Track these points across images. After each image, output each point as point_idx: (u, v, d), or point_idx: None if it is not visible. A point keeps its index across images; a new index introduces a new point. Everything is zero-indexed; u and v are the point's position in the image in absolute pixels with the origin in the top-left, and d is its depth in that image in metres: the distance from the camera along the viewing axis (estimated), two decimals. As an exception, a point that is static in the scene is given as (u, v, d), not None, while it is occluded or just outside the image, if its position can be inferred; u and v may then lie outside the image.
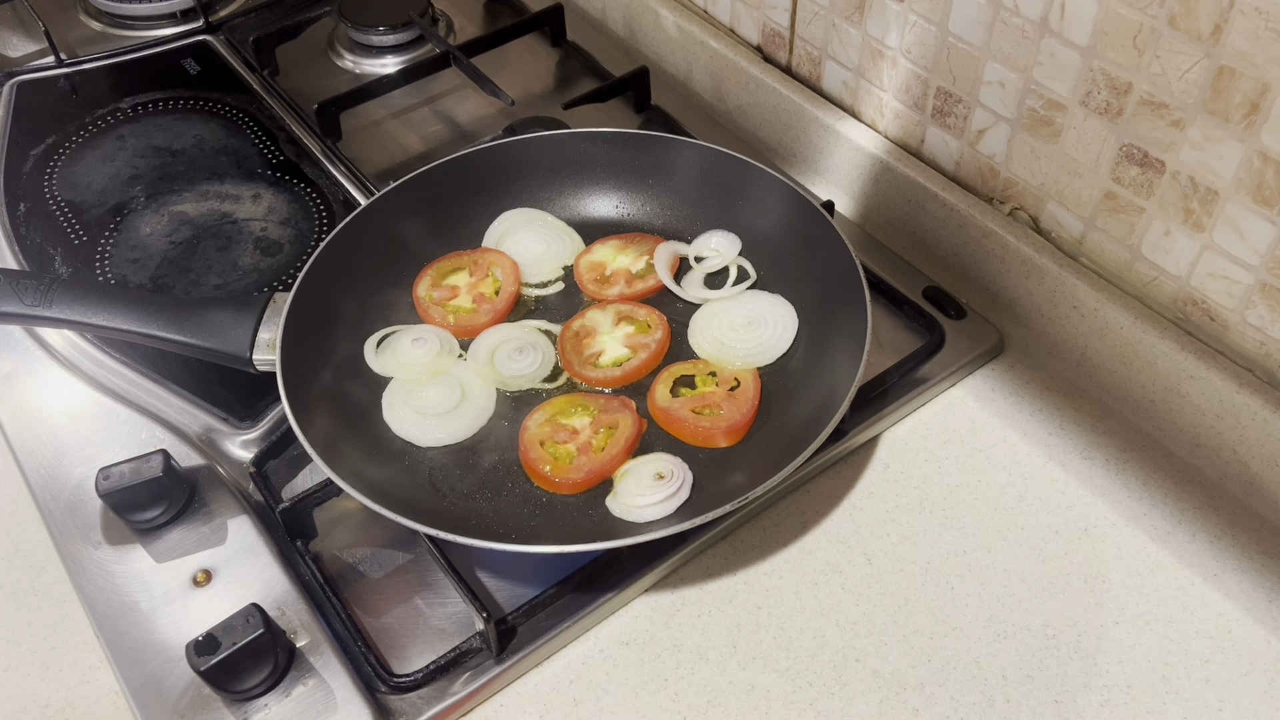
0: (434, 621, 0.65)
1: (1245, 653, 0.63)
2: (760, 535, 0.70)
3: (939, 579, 0.67)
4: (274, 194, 0.94)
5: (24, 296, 0.68)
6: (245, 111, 1.02)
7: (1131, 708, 0.61)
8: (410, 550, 0.68)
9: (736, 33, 0.99)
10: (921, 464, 0.74)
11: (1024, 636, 0.64)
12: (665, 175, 0.84)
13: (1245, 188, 0.64)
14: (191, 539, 0.68)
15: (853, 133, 0.89)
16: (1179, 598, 0.66)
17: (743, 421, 0.70)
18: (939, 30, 0.78)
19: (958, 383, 0.79)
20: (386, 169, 0.95)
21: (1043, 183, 0.77)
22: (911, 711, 0.61)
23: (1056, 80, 0.71)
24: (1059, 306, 0.78)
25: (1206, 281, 0.69)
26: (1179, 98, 0.64)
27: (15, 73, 1.06)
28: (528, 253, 0.83)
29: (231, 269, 0.87)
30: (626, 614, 0.66)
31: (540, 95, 1.03)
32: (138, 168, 0.96)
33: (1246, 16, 0.58)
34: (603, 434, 0.70)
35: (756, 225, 0.81)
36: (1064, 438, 0.75)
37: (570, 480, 0.68)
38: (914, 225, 0.87)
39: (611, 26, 1.12)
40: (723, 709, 0.62)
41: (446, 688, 0.61)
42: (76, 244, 0.89)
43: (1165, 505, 0.71)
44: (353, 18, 1.07)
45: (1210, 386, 0.70)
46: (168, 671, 0.61)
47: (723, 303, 0.78)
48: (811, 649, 0.64)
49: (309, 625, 0.63)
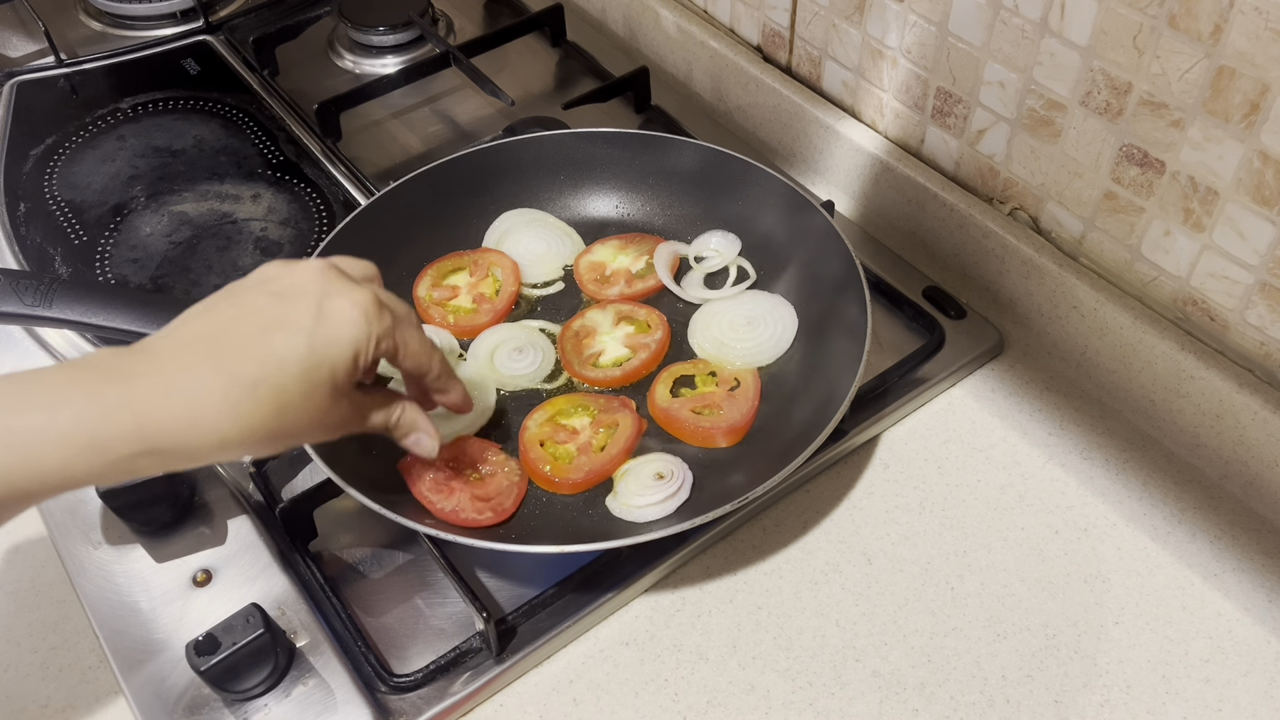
0: (434, 621, 0.65)
1: (1245, 653, 0.63)
2: (760, 535, 0.70)
3: (939, 579, 0.67)
4: (274, 194, 0.94)
5: (24, 296, 0.68)
6: (245, 111, 1.02)
7: (1131, 708, 0.61)
8: (410, 550, 0.68)
9: (736, 33, 0.99)
10: (921, 464, 0.74)
11: (1024, 636, 0.64)
12: (665, 175, 0.84)
13: (1245, 188, 0.64)
14: (191, 539, 0.68)
15: (853, 133, 0.89)
16: (1179, 598, 0.66)
17: (743, 421, 0.70)
18: (939, 30, 0.78)
19: (958, 383, 0.79)
20: (386, 169, 0.95)
21: (1043, 183, 0.77)
22: (911, 711, 0.61)
23: (1056, 80, 0.71)
24: (1059, 306, 0.78)
25: (1206, 281, 0.69)
26: (1179, 98, 0.64)
27: (15, 73, 1.06)
28: (528, 253, 0.83)
29: (231, 269, 0.87)
30: (626, 614, 0.66)
31: (540, 95, 1.03)
32: (138, 168, 0.96)
33: (1246, 16, 0.58)
34: (603, 434, 0.70)
35: (756, 225, 0.81)
36: (1064, 438, 0.75)
37: (570, 480, 0.68)
38: (914, 225, 0.87)
39: (611, 26, 1.12)
40: (723, 709, 0.62)
41: (446, 688, 0.61)
42: (76, 244, 0.89)
43: (1165, 505, 0.71)
44: (353, 18, 1.07)
45: (1210, 386, 0.70)
46: (168, 671, 0.61)
47: (722, 303, 0.78)
48: (811, 649, 0.64)
49: (309, 625, 0.63)
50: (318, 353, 0.51)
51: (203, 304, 0.53)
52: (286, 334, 0.51)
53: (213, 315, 0.52)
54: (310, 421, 0.52)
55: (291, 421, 0.51)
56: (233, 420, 0.49)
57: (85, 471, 0.46)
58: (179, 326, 0.52)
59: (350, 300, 0.53)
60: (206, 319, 0.52)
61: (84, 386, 0.46)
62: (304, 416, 0.51)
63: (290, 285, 0.53)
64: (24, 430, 0.45)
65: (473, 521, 0.65)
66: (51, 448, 0.45)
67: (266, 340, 0.50)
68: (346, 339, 0.52)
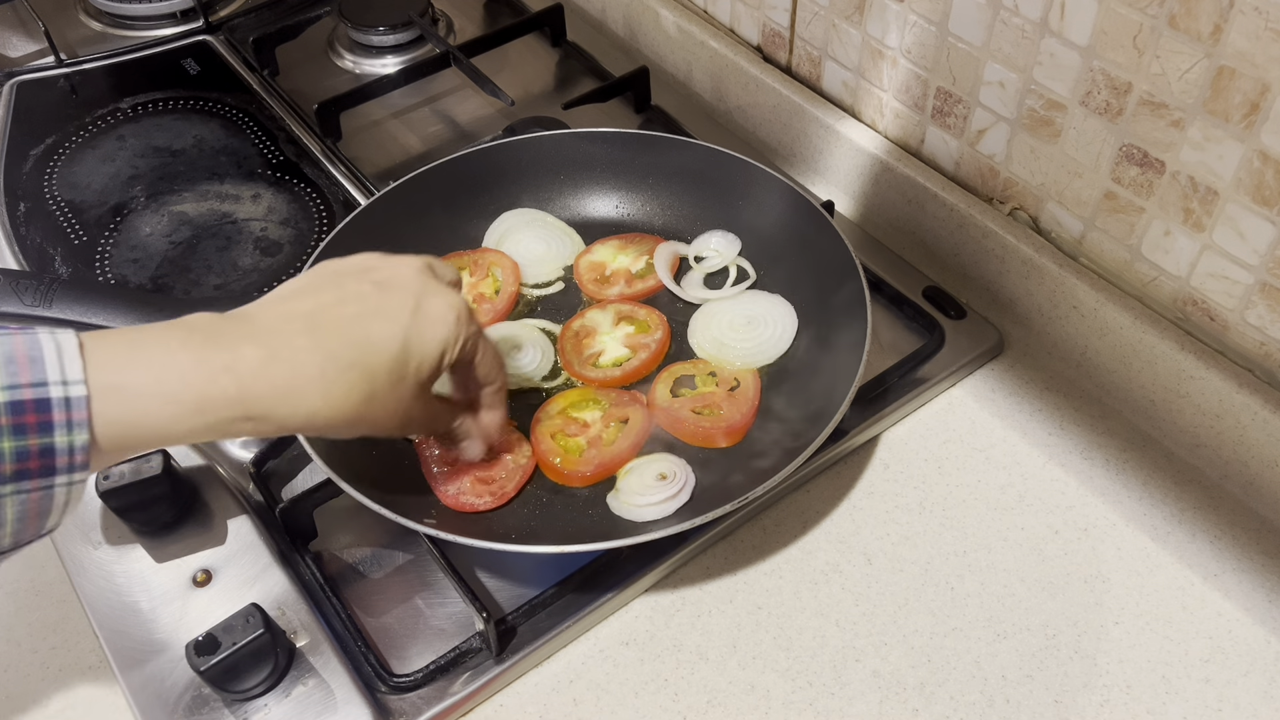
0: (434, 621, 0.65)
1: (1245, 653, 0.63)
2: (760, 535, 0.70)
3: (939, 579, 0.67)
4: (274, 194, 0.94)
5: (24, 296, 0.68)
6: (245, 111, 1.02)
7: (1131, 708, 0.61)
8: (410, 550, 0.68)
9: (736, 33, 0.99)
10: (921, 464, 0.74)
11: (1024, 636, 0.64)
12: (665, 175, 0.84)
13: (1245, 188, 0.64)
14: (191, 539, 0.68)
15: (853, 133, 0.89)
16: (1179, 598, 0.66)
17: (743, 421, 0.70)
18: (939, 30, 0.78)
19: (958, 383, 0.79)
20: (386, 169, 0.95)
21: (1043, 183, 0.77)
22: (911, 711, 0.61)
23: (1056, 80, 0.71)
24: (1059, 306, 0.78)
25: (1206, 281, 0.69)
26: (1179, 98, 0.64)
27: (15, 73, 1.06)
28: (528, 253, 0.83)
29: (231, 269, 0.87)
30: (626, 614, 0.66)
31: (540, 95, 1.03)
32: (138, 168, 0.96)
33: (1246, 16, 0.58)
34: (613, 428, 0.70)
35: (756, 225, 0.81)
36: (1064, 438, 0.75)
37: (579, 473, 0.68)
38: (914, 225, 0.87)
39: (611, 26, 1.12)
40: (723, 709, 0.62)
41: (446, 688, 0.61)
42: (76, 244, 0.89)
43: (1165, 505, 0.71)
44: (353, 18, 1.07)
45: (1210, 386, 0.70)
46: (168, 671, 0.61)
47: (722, 303, 0.79)
48: (811, 649, 0.64)
49: (309, 625, 0.63)
50: (410, 345, 0.54)
51: (301, 281, 0.56)
52: (384, 323, 0.53)
53: (315, 295, 0.54)
54: (391, 411, 0.54)
55: (376, 409, 0.53)
56: (324, 397, 0.51)
57: (186, 430, 0.48)
58: (280, 302, 0.54)
59: (446, 301, 0.56)
60: (309, 298, 0.54)
61: (192, 350, 0.48)
62: (387, 405, 0.54)
63: (391, 278, 0.56)
64: (134, 388, 0.46)
65: (471, 506, 0.66)
66: (158, 407, 0.47)
67: (365, 326, 0.53)
68: (438, 337, 0.55)
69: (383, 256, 0.58)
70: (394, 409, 0.54)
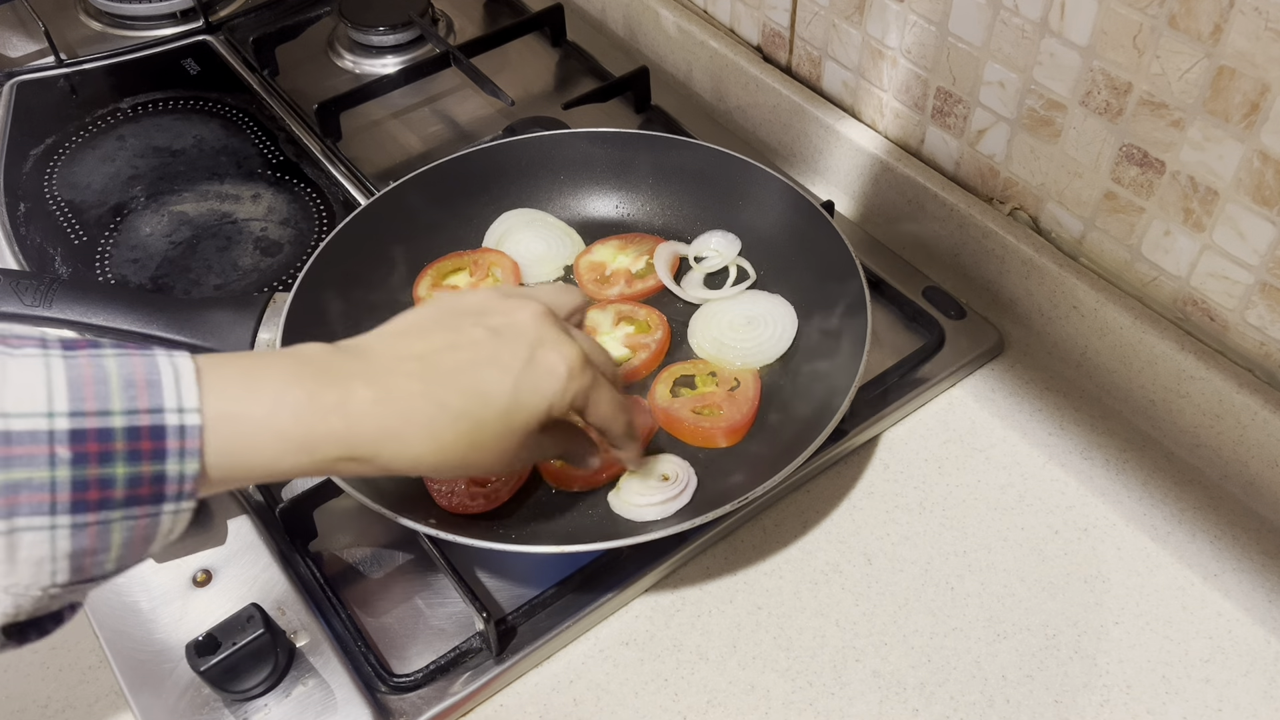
0: (434, 621, 0.65)
1: (1245, 653, 0.63)
2: (760, 535, 0.70)
3: (939, 579, 0.67)
4: (274, 194, 0.94)
5: (24, 296, 0.68)
6: (245, 111, 1.02)
7: (1131, 708, 0.61)
8: (410, 550, 0.68)
9: (736, 33, 0.99)
10: (921, 464, 0.74)
11: (1024, 636, 0.64)
12: (665, 175, 0.84)
13: (1245, 188, 0.64)
14: (191, 539, 0.68)
15: (853, 133, 0.89)
16: (1179, 598, 0.66)
17: (743, 421, 0.70)
18: (939, 30, 0.78)
19: (958, 383, 0.79)
20: (386, 169, 0.95)
21: (1043, 183, 0.77)
22: (911, 711, 0.61)
23: (1056, 80, 0.71)
24: (1059, 306, 0.78)
25: (1206, 281, 0.69)
26: (1179, 98, 0.64)
27: (15, 73, 1.06)
28: (528, 253, 0.83)
29: (231, 269, 0.87)
30: (626, 614, 0.66)
31: (540, 95, 1.03)
32: (138, 168, 0.96)
33: (1246, 16, 0.59)
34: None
35: (756, 225, 0.81)
36: (1064, 438, 0.75)
37: (583, 476, 0.68)
38: (914, 225, 0.87)
39: (611, 26, 1.12)
40: (723, 709, 0.62)
41: (446, 688, 0.61)
42: (76, 244, 0.89)
43: (1165, 505, 0.71)
44: (353, 18, 1.07)
45: (1210, 386, 0.70)
46: (168, 671, 0.61)
47: (722, 303, 0.79)
48: (811, 649, 0.64)
49: (309, 625, 0.63)
50: (520, 398, 0.52)
51: (417, 316, 0.54)
52: (497, 372, 0.52)
53: (430, 336, 0.53)
54: (496, 457, 0.53)
55: (480, 456, 0.52)
56: (430, 444, 0.50)
57: (291, 467, 0.47)
58: (394, 340, 0.53)
59: (561, 354, 0.54)
60: (423, 339, 0.53)
61: (305, 386, 0.47)
62: (492, 453, 0.53)
63: (508, 324, 0.54)
64: (247, 420, 0.45)
65: (464, 508, 0.65)
66: (267, 441, 0.46)
67: (477, 374, 0.52)
68: (547, 391, 0.53)
69: (503, 297, 0.56)
70: (499, 456, 0.54)
